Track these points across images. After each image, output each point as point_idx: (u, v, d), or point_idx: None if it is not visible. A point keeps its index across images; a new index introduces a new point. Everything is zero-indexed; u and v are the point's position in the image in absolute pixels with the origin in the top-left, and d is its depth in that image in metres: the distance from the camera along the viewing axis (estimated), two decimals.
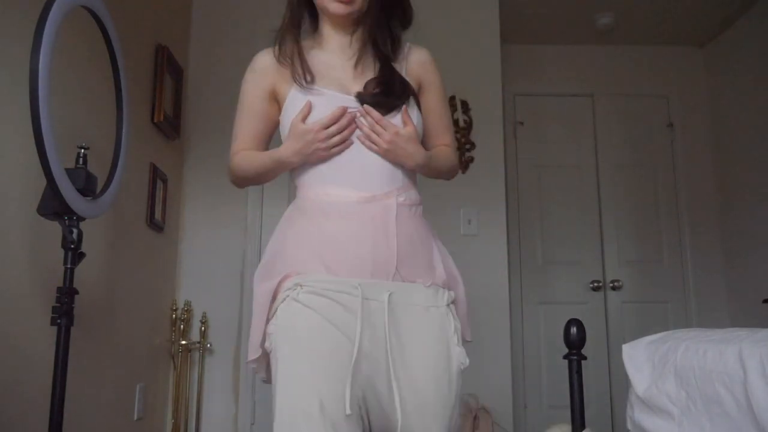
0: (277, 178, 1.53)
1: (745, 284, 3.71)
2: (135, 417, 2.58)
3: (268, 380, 1.35)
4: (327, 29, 1.47)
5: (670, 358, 1.43)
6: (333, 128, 1.31)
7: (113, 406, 2.39)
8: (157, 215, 2.78)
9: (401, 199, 1.37)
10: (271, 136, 1.50)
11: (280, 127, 1.44)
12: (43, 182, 1.53)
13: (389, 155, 1.35)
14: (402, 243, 1.33)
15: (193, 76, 3.27)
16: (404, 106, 1.37)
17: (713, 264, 3.94)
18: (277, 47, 1.45)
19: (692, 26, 3.94)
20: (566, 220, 3.99)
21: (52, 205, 1.57)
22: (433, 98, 1.52)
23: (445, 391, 1.30)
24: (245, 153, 1.46)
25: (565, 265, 3.96)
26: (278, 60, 1.44)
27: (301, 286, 1.29)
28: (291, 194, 3.00)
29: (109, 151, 1.91)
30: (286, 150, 1.36)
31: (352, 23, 1.45)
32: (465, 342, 1.39)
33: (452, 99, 3.31)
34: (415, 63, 1.50)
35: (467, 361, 1.34)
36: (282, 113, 1.43)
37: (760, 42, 3.63)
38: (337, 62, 1.44)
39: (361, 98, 1.35)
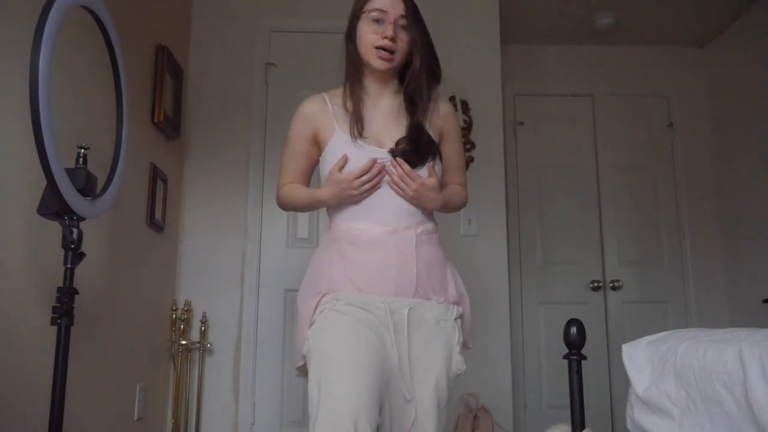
0: (276, 181, 1.79)
1: (745, 284, 3.71)
2: (135, 417, 2.58)
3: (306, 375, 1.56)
4: (368, 82, 1.70)
5: (670, 358, 1.43)
6: (364, 178, 1.56)
7: (113, 406, 2.39)
8: (157, 215, 2.78)
9: (419, 230, 1.63)
10: (312, 172, 1.76)
11: (320, 167, 1.70)
12: (43, 182, 1.53)
13: (414, 201, 1.61)
14: (420, 266, 1.60)
15: (193, 76, 3.27)
16: (430, 163, 1.63)
17: (713, 264, 3.94)
18: (347, 95, 1.68)
19: (692, 26, 3.94)
20: (566, 220, 3.99)
21: (52, 205, 1.57)
22: (452, 145, 1.78)
23: (442, 389, 1.60)
24: (291, 186, 1.73)
25: (565, 265, 3.96)
26: (345, 107, 1.66)
27: (338, 300, 1.55)
28: None
29: (109, 151, 1.91)
30: (323, 193, 1.63)
31: (390, 77, 1.70)
32: (467, 349, 1.71)
33: (452, 99, 3.31)
34: (440, 114, 1.75)
35: (464, 367, 1.66)
36: (323, 156, 1.68)
37: (760, 42, 3.63)
38: (374, 115, 1.67)
39: (393, 154, 1.60)
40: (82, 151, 1.71)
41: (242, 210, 3.16)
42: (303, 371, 1.60)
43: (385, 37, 1.61)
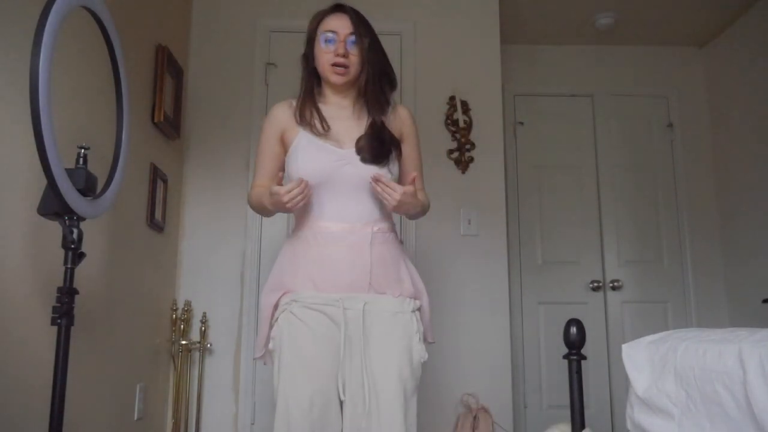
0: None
1: (745, 284, 3.71)
2: (135, 417, 2.58)
3: (270, 363, 1.76)
4: (328, 93, 1.87)
5: (670, 358, 1.43)
6: (293, 192, 1.64)
7: (113, 406, 2.39)
8: (157, 215, 2.78)
9: (375, 228, 1.76)
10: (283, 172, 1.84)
11: (286, 166, 1.82)
12: (43, 182, 1.53)
13: (399, 209, 1.72)
14: (375, 262, 1.73)
15: (193, 76, 3.27)
16: (414, 175, 1.76)
17: (713, 264, 3.94)
18: (298, 112, 1.82)
19: (692, 26, 3.95)
20: (566, 220, 3.99)
21: (53, 205, 1.57)
22: (411, 148, 1.92)
23: (407, 379, 1.69)
24: (258, 189, 1.84)
25: (565, 265, 3.96)
26: (298, 122, 1.81)
27: (295, 301, 1.71)
28: None
29: (109, 151, 1.91)
30: (272, 192, 1.70)
31: (348, 87, 1.84)
32: (428, 343, 1.82)
33: (452, 99, 3.31)
34: (400, 118, 1.90)
35: (426, 355, 1.75)
36: (287, 155, 1.82)
37: (760, 42, 3.63)
38: (337, 119, 1.82)
39: (358, 150, 1.75)
40: (82, 151, 1.71)
41: (242, 210, 3.16)
42: (263, 359, 1.81)
43: (338, 55, 1.77)
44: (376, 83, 1.82)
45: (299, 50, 1.90)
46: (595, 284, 3.92)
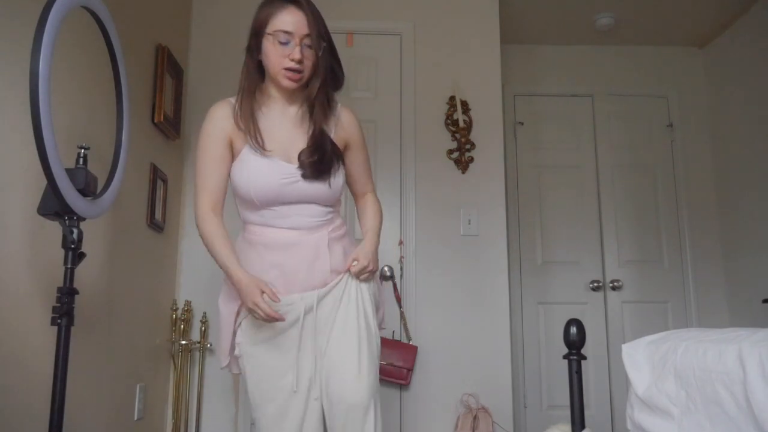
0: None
1: (745, 284, 3.72)
2: (135, 417, 2.58)
3: (238, 371, 1.79)
4: (274, 92, 1.77)
5: (670, 358, 1.43)
6: (263, 312, 1.61)
7: (113, 406, 2.39)
8: (157, 215, 2.78)
9: (330, 229, 1.76)
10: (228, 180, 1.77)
11: (231, 174, 1.74)
12: (43, 182, 1.53)
13: (374, 267, 1.78)
14: (333, 262, 1.74)
15: (193, 76, 3.27)
16: (353, 260, 1.75)
17: (713, 264, 3.94)
18: (238, 111, 1.74)
19: (692, 26, 3.95)
20: (566, 220, 3.99)
21: (53, 205, 1.57)
22: (358, 153, 1.87)
23: (365, 343, 1.71)
24: (213, 229, 1.72)
25: (565, 265, 3.96)
26: (236, 123, 1.72)
27: None
28: None
29: (109, 151, 1.91)
30: (234, 277, 1.65)
31: (297, 91, 1.75)
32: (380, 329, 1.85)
33: (452, 99, 3.31)
34: (344, 123, 1.82)
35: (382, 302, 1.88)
36: (234, 165, 1.73)
37: (760, 42, 3.63)
38: (281, 124, 1.75)
39: (301, 166, 1.69)
40: (82, 151, 1.71)
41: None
42: (233, 366, 1.81)
43: (293, 59, 1.65)
44: (326, 90, 1.74)
45: None
46: (595, 284, 3.92)
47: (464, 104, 3.31)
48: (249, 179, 1.69)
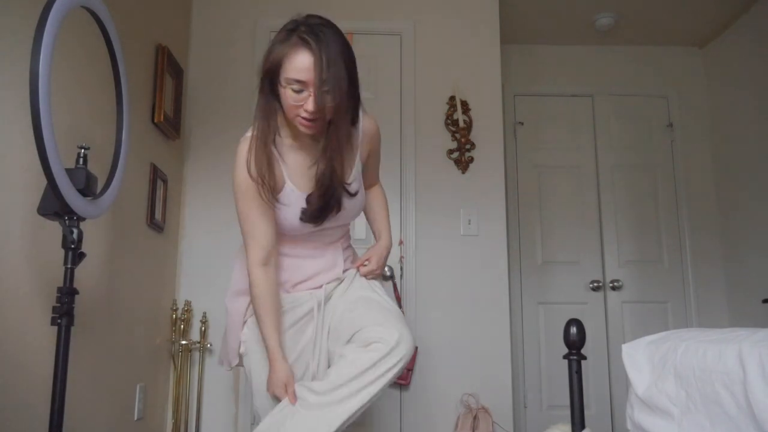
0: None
1: (745, 284, 3.71)
2: (135, 417, 2.58)
3: (241, 364, 1.83)
4: (295, 131, 1.65)
5: (670, 358, 1.43)
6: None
7: (113, 406, 2.39)
8: (157, 215, 2.78)
9: (342, 241, 1.87)
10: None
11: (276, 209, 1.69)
12: (43, 182, 1.53)
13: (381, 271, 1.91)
14: (345, 265, 1.85)
15: (193, 76, 3.27)
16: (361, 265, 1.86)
17: (713, 264, 3.94)
18: (250, 161, 1.60)
19: (692, 26, 3.95)
20: (566, 220, 3.99)
21: (53, 205, 1.57)
22: (375, 158, 1.91)
23: (377, 296, 1.77)
24: (262, 297, 1.69)
25: (565, 265, 3.96)
26: (249, 174, 1.61)
27: None
28: None
29: (109, 151, 1.91)
30: (274, 361, 1.68)
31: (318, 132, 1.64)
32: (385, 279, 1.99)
33: (452, 99, 3.31)
34: (367, 135, 1.78)
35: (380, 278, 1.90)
36: (281, 201, 1.67)
37: (760, 42, 3.63)
38: (301, 165, 1.68)
39: (303, 213, 1.67)
40: (82, 151, 1.71)
41: None
42: (237, 367, 1.87)
43: (307, 110, 1.52)
44: (346, 127, 1.61)
45: None
46: (595, 284, 3.92)
47: (464, 104, 3.31)
48: (288, 217, 1.70)
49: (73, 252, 1.62)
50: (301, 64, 1.49)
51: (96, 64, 2.08)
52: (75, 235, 1.61)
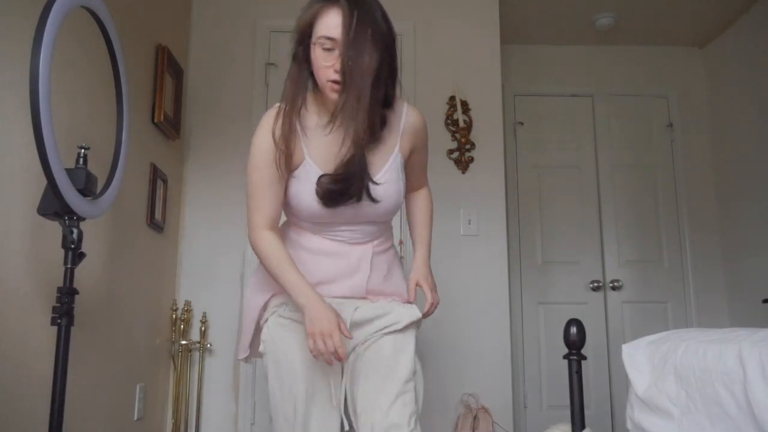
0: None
1: (745, 284, 3.71)
2: (135, 417, 2.58)
3: (257, 356, 1.71)
4: (328, 102, 1.54)
5: (670, 358, 1.43)
6: (327, 348, 1.47)
7: (113, 406, 2.39)
8: (157, 215, 2.78)
9: (375, 243, 1.66)
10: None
11: (287, 191, 1.58)
12: (43, 182, 1.53)
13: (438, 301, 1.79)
14: (373, 275, 1.64)
15: (193, 76, 3.27)
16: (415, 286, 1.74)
17: (713, 264, 3.94)
18: (275, 129, 1.54)
19: (692, 26, 3.95)
20: (566, 220, 3.99)
21: (53, 205, 1.57)
22: (421, 155, 1.74)
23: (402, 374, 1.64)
24: (270, 248, 1.56)
25: (565, 265, 3.96)
26: (273, 138, 1.53)
27: (286, 304, 1.61)
28: None
29: (109, 151, 1.91)
30: (310, 302, 1.50)
31: None
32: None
33: (452, 99, 3.31)
34: (412, 127, 1.66)
35: (419, 313, 1.73)
36: (292, 180, 1.56)
37: (760, 42, 3.63)
38: (335, 138, 1.54)
39: (319, 188, 1.53)
40: (82, 151, 1.71)
41: (242, 210, 3.13)
42: (247, 360, 1.76)
43: (336, 71, 1.45)
44: (370, 95, 1.46)
45: None
46: (595, 284, 3.92)
47: (464, 104, 3.31)
48: (294, 197, 1.57)
49: (73, 252, 1.62)
50: (332, 21, 1.46)
51: (96, 64, 2.08)
52: (75, 235, 1.61)
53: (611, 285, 3.91)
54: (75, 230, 1.61)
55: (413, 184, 1.78)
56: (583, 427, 1.65)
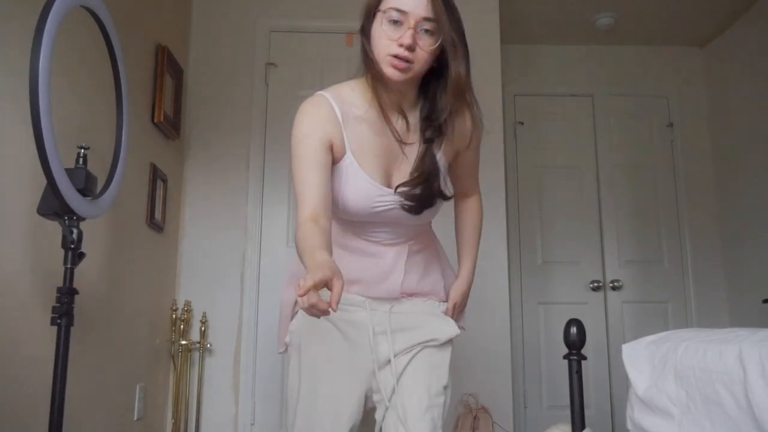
0: (275, 181, 1.56)
1: (745, 284, 3.71)
2: (135, 417, 2.58)
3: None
4: (381, 91, 1.42)
5: (670, 358, 1.43)
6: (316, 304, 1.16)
7: (113, 406, 2.39)
8: (157, 215, 2.78)
9: (411, 242, 1.58)
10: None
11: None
12: (43, 182, 1.53)
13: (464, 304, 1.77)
14: (408, 274, 1.57)
15: (193, 76, 3.27)
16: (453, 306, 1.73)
17: (713, 264, 3.94)
18: (320, 118, 1.42)
19: (692, 26, 3.94)
20: (566, 220, 3.99)
21: (52, 205, 1.57)
22: (472, 155, 1.64)
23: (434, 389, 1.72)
24: (305, 233, 1.30)
25: (565, 265, 3.96)
26: (314, 130, 1.40)
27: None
28: (291, 196, 2.98)
29: (109, 151, 1.91)
30: (308, 265, 1.22)
31: (409, 87, 1.44)
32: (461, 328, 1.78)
33: None
34: (469, 125, 1.56)
35: (457, 330, 1.75)
36: (337, 173, 1.43)
37: (760, 42, 3.63)
38: (382, 131, 1.45)
39: (401, 195, 1.45)
40: (82, 151, 1.71)
41: (242, 210, 3.16)
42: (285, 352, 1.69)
43: (401, 45, 1.32)
44: (448, 95, 1.39)
45: (299, 50, 1.81)
46: (595, 284, 3.92)
47: None
48: (340, 193, 1.44)
49: (73, 252, 1.62)
50: None
51: (96, 64, 2.08)
52: (75, 235, 1.61)
53: (611, 285, 3.91)
54: (75, 230, 1.61)
55: (460, 186, 1.70)
56: (583, 427, 1.65)
